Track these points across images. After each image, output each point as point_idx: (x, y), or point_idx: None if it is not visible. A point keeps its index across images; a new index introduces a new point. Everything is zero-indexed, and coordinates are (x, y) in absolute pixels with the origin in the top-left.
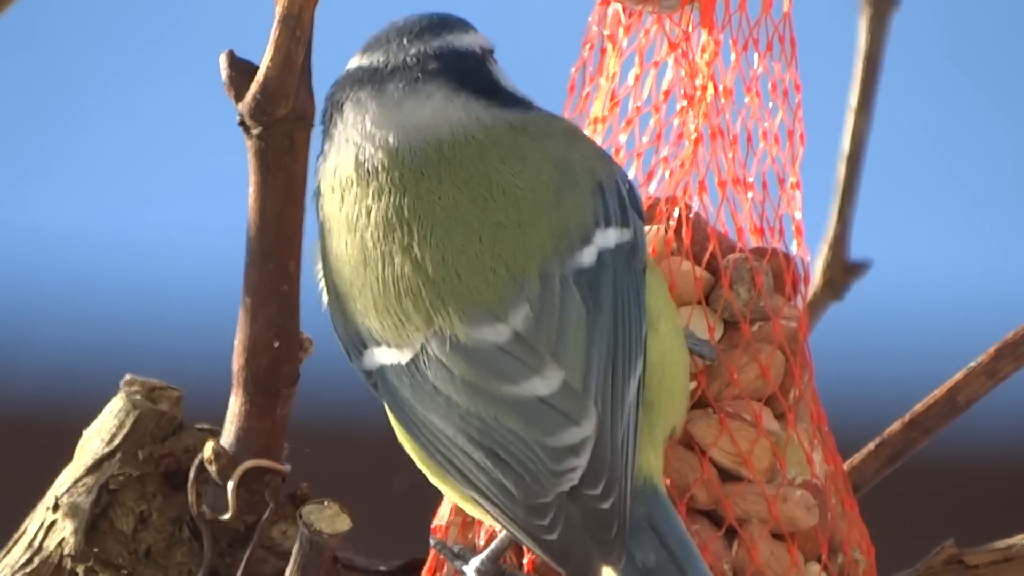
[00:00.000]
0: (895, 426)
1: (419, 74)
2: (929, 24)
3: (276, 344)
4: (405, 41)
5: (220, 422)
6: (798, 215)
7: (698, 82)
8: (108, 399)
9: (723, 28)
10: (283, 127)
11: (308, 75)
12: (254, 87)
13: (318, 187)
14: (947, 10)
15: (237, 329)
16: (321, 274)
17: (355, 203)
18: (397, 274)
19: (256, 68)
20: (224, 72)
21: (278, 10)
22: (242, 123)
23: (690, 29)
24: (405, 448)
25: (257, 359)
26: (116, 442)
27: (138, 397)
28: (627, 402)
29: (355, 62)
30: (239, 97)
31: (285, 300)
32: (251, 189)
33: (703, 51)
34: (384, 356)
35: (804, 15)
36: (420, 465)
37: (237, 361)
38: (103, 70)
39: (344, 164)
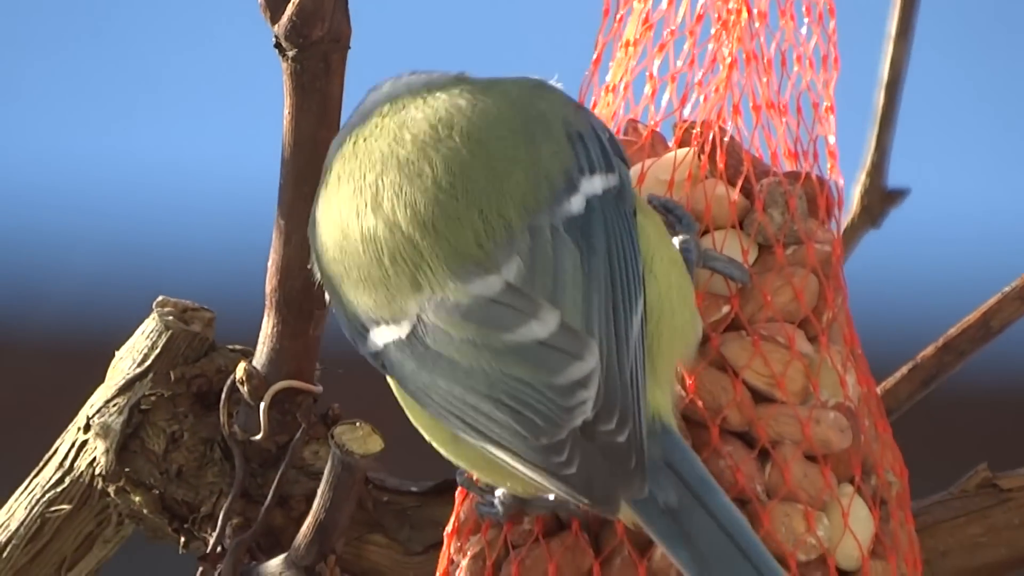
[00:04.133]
0: (928, 350)
1: None
2: None
3: (309, 265)
4: None
5: (252, 343)
6: (832, 139)
7: (732, 5)
8: (141, 320)
9: None
10: (319, 49)
11: None
12: (290, 8)
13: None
14: None
15: (271, 251)
16: (316, 268)
17: (330, 181)
18: (374, 239)
19: None
20: None
21: None
22: (278, 45)
23: None
24: (416, 424)
25: (290, 280)
26: (148, 363)
27: (170, 318)
28: (631, 338)
29: None
30: (275, 19)
31: None
32: (286, 111)
33: None
34: (385, 335)
35: None
36: (431, 438)
37: (270, 282)
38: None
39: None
